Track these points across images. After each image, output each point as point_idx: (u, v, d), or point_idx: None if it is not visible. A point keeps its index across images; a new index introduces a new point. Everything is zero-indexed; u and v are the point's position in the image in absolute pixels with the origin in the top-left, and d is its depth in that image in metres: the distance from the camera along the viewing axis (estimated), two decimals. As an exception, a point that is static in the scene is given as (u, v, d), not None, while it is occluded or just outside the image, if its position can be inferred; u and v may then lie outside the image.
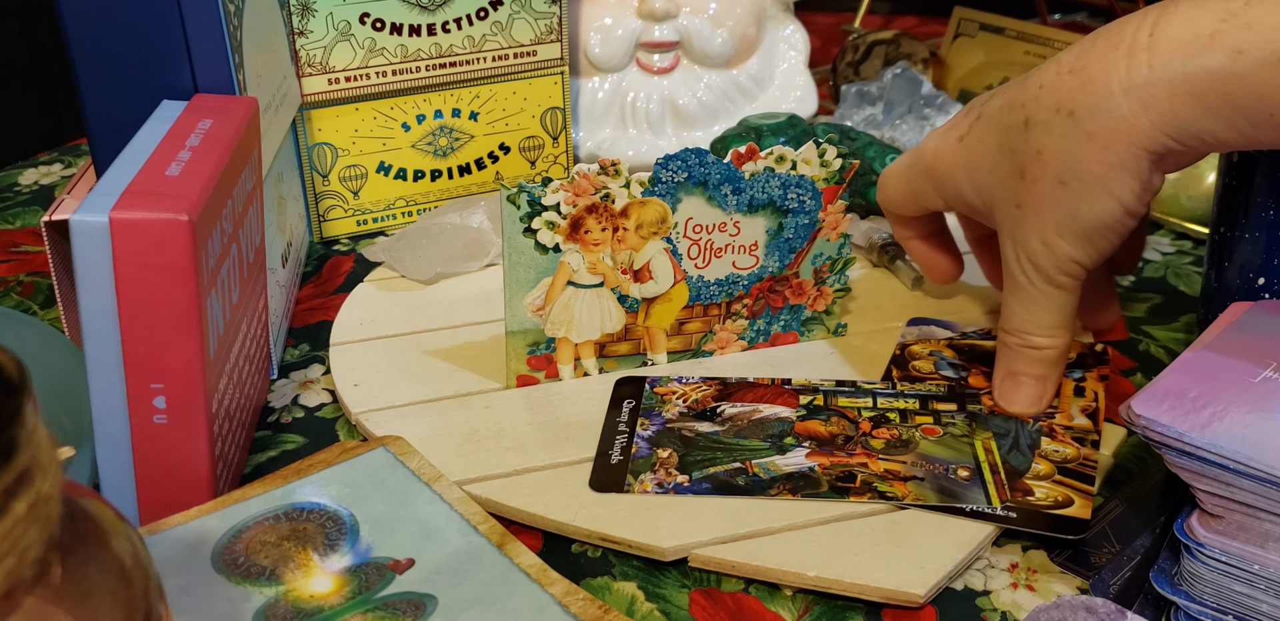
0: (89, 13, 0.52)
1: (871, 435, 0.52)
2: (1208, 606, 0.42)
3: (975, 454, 0.51)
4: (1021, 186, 0.48)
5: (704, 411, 0.54)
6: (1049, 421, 0.53)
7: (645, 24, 0.78)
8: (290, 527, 0.46)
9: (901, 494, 0.48)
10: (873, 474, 0.50)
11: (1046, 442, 0.52)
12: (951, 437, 0.52)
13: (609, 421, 0.54)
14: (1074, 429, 0.53)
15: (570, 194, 0.53)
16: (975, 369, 0.57)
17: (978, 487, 0.49)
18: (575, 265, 0.55)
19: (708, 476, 0.50)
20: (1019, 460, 0.51)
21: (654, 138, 0.81)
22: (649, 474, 0.50)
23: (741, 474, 0.50)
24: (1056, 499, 0.49)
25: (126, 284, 0.43)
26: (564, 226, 0.54)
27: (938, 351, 0.58)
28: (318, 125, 0.71)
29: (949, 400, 0.55)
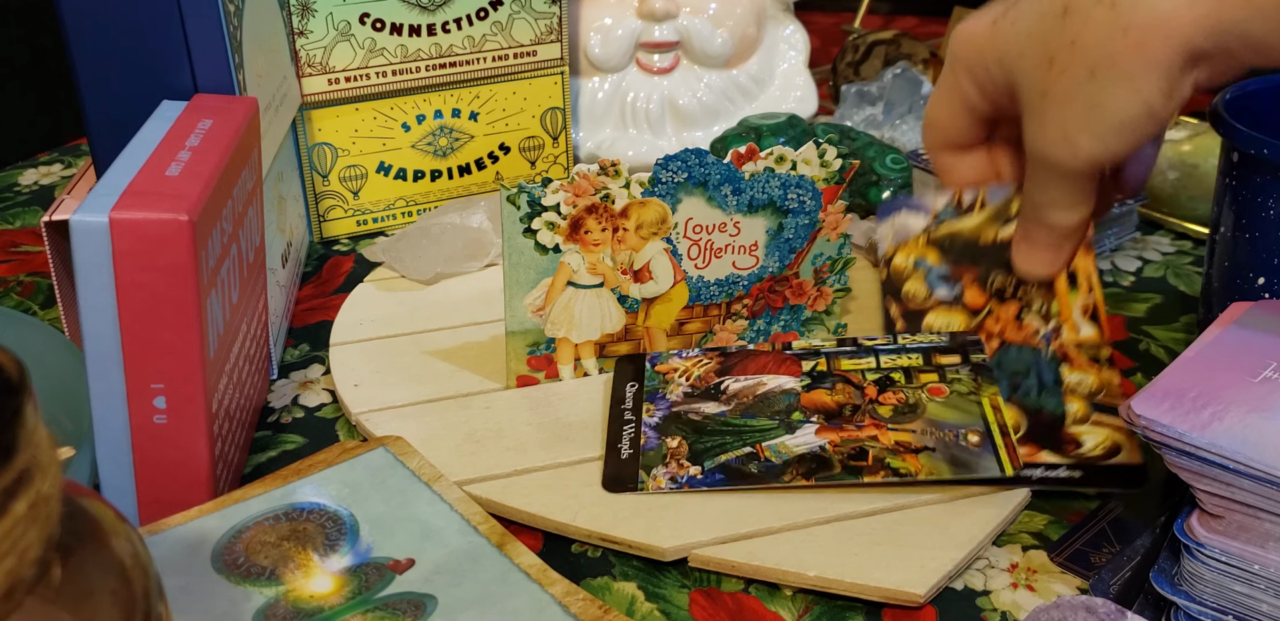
0: (89, 13, 0.52)
1: (878, 401, 0.51)
2: (1208, 606, 0.42)
3: (984, 414, 0.50)
4: (1049, 75, 0.47)
5: (708, 389, 0.54)
6: (1058, 341, 0.52)
7: (645, 24, 0.78)
8: (290, 528, 0.46)
9: (915, 469, 0.48)
10: (884, 448, 0.49)
11: (1066, 372, 0.51)
12: (958, 396, 0.51)
13: (614, 409, 0.54)
14: (1084, 345, 0.52)
15: (570, 194, 0.53)
16: (966, 275, 0.54)
17: (989, 454, 0.48)
18: (575, 265, 0.55)
19: (720, 465, 0.50)
20: (1052, 402, 0.50)
21: (654, 138, 0.81)
22: (660, 467, 0.50)
23: (753, 459, 0.50)
24: (1106, 446, 0.48)
25: (126, 284, 0.43)
26: (564, 227, 0.54)
27: (921, 259, 0.55)
28: (318, 125, 0.71)
29: (952, 352, 0.53)
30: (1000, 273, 0.54)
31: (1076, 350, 0.52)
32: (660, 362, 0.56)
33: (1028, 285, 0.54)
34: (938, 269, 0.55)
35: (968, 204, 0.54)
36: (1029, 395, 0.51)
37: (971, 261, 0.55)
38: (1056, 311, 0.53)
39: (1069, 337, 0.52)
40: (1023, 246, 0.53)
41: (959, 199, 0.55)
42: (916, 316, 0.55)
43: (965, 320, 0.54)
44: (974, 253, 0.54)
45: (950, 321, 0.55)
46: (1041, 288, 0.54)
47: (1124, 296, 0.67)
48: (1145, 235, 0.74)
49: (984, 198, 0.54)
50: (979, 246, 0.54)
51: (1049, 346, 0.52)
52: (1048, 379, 0.51)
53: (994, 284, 0.54)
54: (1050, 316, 0.53)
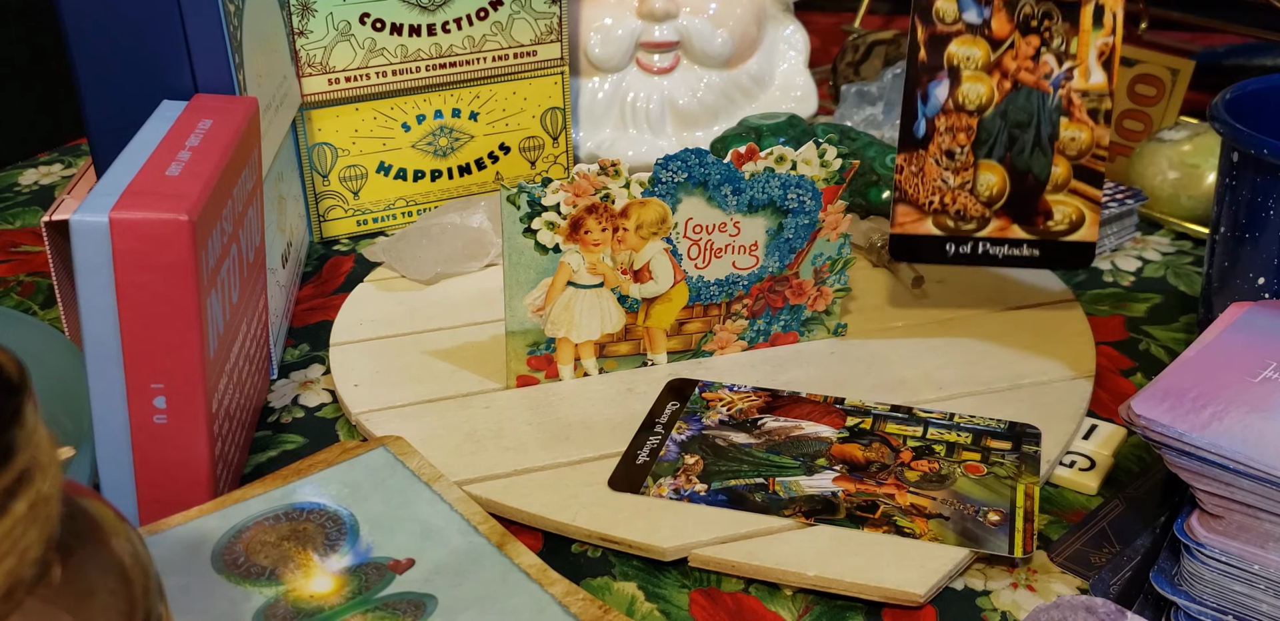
0: (89, 13, 0.52)
1: (909, 466, 0.51)
2: (1208, 606, 0.42)
3: (1014, 498, 0.49)
4: None
5: (745, 422, 0.54)
6: (1067, 85, 0.52)
7: (645, 24, 0.78)
8: (290, 528, 0.46)
9: (920, 531, 0.47)
10: (896, 506, 0.48)
11: (1064, 126, 0.51)
12: (995, 478, 0.50)
13: (647, 420, 0.54)
14: (1090, 94, 0.52)
15: (570, 194, 0.53)
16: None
17: (1003, 534, 0.47)
18: (575, 265, 0.55)
19: (726, 488, 0.49)
20: (1040, 163, 0.50)
21: (654, 138, 0.81)
22: (669, 478, 0.50)
23: (761, 490, 0.49)
24: (1071, 218, 0.49)
25: (126, 284, 0.43)
26: (564, 227, 0.54)
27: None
28: (318, 125, 0.71)
29: (1005, 438, 0.53)
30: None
31: (1081, 99, 0.52)
32: (710, 390, 0.56)
33: (1054, 18, 0.53)
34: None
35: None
36: (1022, 153, 0.52)
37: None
38: (1074, 52, 0.53)
39: (1078, 83, 0.52)
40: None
41: None
42: (941, 43, 0.53)
43: (987, 52, 0.53)
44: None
45: (972, 52, 0.53)
46: (1066, 21, 0.53)
47: (1124, 296, 0.67)
48: (1145, 235, 0.74)
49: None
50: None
51: (1057, 92, 0.52)
52: (1045, 131, 0.52)
53: (1023, 10, 0.52)
54: (1067, 57, 0.53)
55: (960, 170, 0.53)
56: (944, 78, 0.52)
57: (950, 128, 0.52)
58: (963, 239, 0.54)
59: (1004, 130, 0.53)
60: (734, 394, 0.56)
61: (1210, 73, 0.86)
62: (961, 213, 0.54)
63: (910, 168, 0.53)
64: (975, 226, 0.54)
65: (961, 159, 0.53)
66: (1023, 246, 0.54)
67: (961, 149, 0.53)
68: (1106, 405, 0.57)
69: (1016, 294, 0.65)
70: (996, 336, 0.61)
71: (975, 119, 0.53)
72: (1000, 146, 0.53)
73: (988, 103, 0.52)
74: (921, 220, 0.54)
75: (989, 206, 0.54)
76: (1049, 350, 0.59)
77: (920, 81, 0.52)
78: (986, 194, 0.53)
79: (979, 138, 0.53)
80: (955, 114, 0.53)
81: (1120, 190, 0.72)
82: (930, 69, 0.52)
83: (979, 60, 0.53)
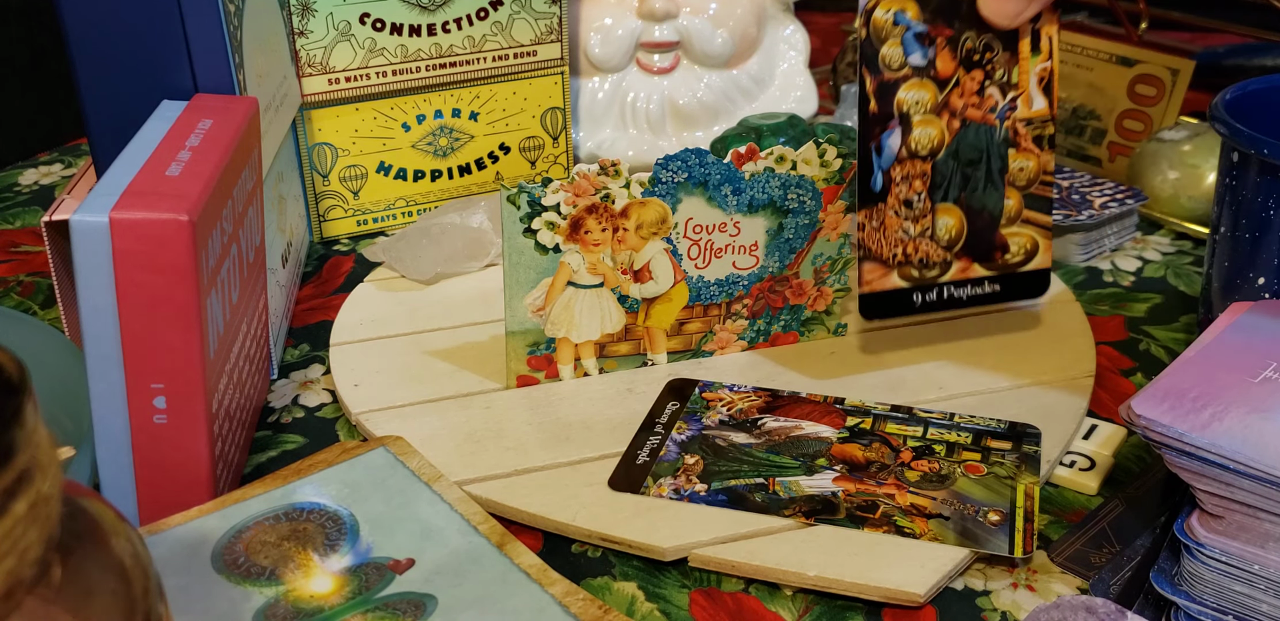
0: (89, 13, 0.52)
1: (909, 466, 0.51)
2: (1208, 606, 0.42)
3: (1014, 498, 0.49)
4: None
5: (745, 422, 0.54)
6: (1011, 115, 0.53)
7: (645, 24, 0.78)
8: (290, 527, 0.46)
9: (919, 531, 0.47)
10: (896, 506, 0.48)
11: (1013, 157, 0.53)
12: (995, 478, 0.50)
13: (647, 420, 0.54)
14: (1033, 121, 0.53)
15: (570, 194, 0.53)
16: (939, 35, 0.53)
17: (1003, 534, 0.47)
18: (575, 265, 0.55)
19: (726, 488, 0.49)
20: (993, 199, 0.52)
21: (654, 138, 0.81)
22: (669, 478, 0.50)
23: (761, 490, 0.49)
24: (1026, 248, 0.51)
25: (126, 284, 0.43)
26: (564, 227, 0.54)
27: (901, 12, 0.52)
28: (318, 125, 0.71)
29: (1006, 438, 0.53)
30: (973, 32, 0.53)
31: (1025, 128, 0.53)
32: (710, 390, 0.56)
33: (995, 50, 0.53)
34: (915, 25, 0.53)
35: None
36: (976, 190, 0.52)
37: (948, 17, 0.53)
38: (1016, 81, 0.53)
39: (1022, 112, 0.53)
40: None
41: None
42: (890, 90, 0.53)
43: (934, 93, 0.53)
44: (951, 5, 0.53)
45: (920, 95, 0.53)
46: (1006, 51, 0.53)
47: (1124, 296, 0.67)
48: (1145, 235, 0.74)
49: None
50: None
51: (1002, 124, 0.53)
52: (995, 166, 0.53)
53: (965, 46, 0.53)
54: (1009, 87, 0.54)
55: (919, 218, 0.53)
56: (895, 126, 0.53)
57: (906, 176, 0.53)
58: (928, 287, 0.55)
59: (957, 171, 0.53)
60: (734, 394, 0.56)
61: (1210, 73, 0.86)
62: (925, 260, 0.54)
63: (871, 224, 0.53)
64: (938, 272, 0.55)
65: (920, 206, 0.53)
66: (984, 284, 0.55)
67: (919, 196, 0.53)
68: (1106, 405, 0.57)
69: (1016, 294, 0.65)
70: (996, 336, 0.61)
71: (929, 163, 0.53)
72: (955, 187, 0.54)
73: (939, 145, 0.53)
74: (887, 275, 0.54)
75: (949, 250, 0.54)
76: (1049, 350, 0.59)
77: (873, 134, 0.53)
78: (946, 237, 0.54)
79: (934, 182, 0.54)
80: (909, 161, 0.53)
81: (1120, 190, 0.72)
82: (881, 119, 0.53)
83: (927, 103, 0.53)
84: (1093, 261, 0.71)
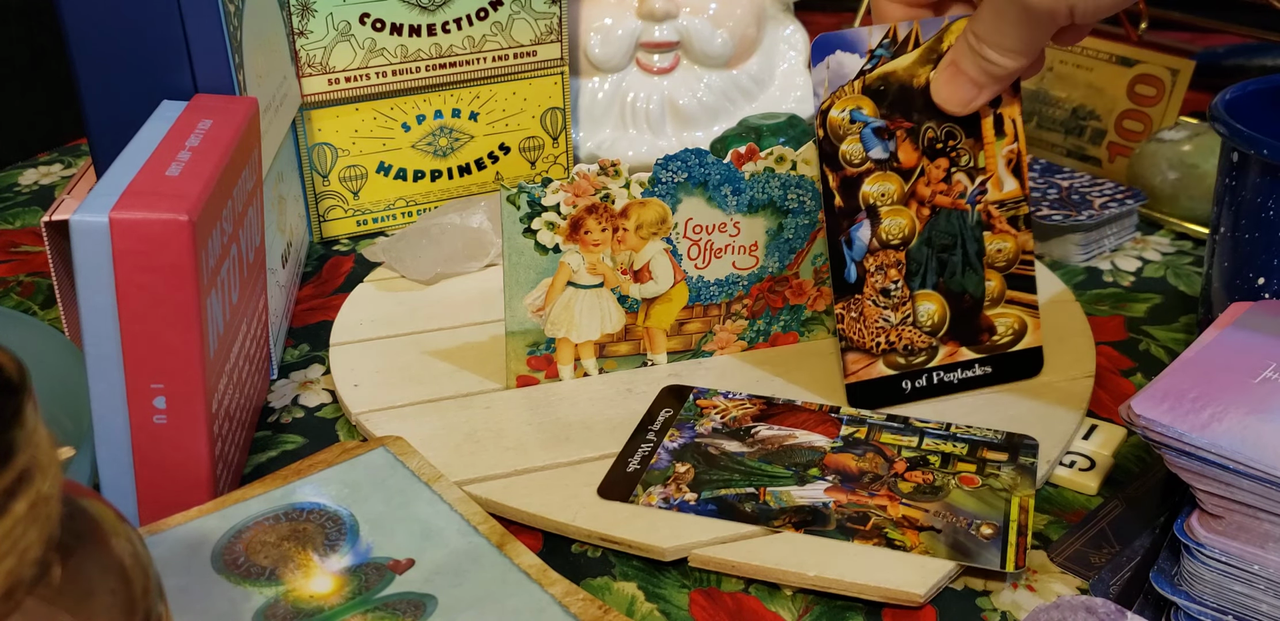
0: (89, 13, 0.52)
1: (903, 477, 0.50)
2: (1208, 606, 0.42)
3: (1007, 511, 0.48)
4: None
5: (738, 430, 0.53)
6: (983, 199, 0.53)
7: (645, 24, 0.78)
8: (290, 528, 0.46)
9: (910, 543, 0.46)
10: (887, 518, 0.48)
11: (989, 240, 0.53)
12: (990, 491, 0.49)
13: (640, 427, 0.54)
14: (1006, 203, 0.53)
15: (570, 194, 0.53)
16: (898, 128, 0.53)
17: (995, 548, 0.46)
18: (575, 265, 0.55)
19: (716, 497, 0.49)
20: (973, 282, 0.52)
21: (654, 138, 0.81)
22: (659, 487, 0.50)
23: (751, 500, 0.49)
24: (1014, 328, 0.52)
25: (126, 284, 0.43)
26: (564, 227, 0.54)
27: (857, 109, 0.53)
28: (318, 125, 0.71)
29: (1002, 449, 0.52)
30: (933, 122, 0.53)
31: (999, 211, 0.53)
32: (704, 397, 0.55)
33: (958, 137, 0.53)
34: (873, 121, 0.53)
35: (902, 39, 0.52)
36: (954, 275, 0.52)
37: (905, 110, 0.53)
38: (984, 165, 0.53)
39: (993, 195, 0.53)
40: (948, 73, 0.51)
41: (893, 33, 0.53)
42: (854, 185, 0.53)
43: (899, 184, 0.53)
44: (908, 99, 0.53)
45: (886, 187, 0.53)
46: (970, 137, 0.53)
47: (1124, 296, 0.67)
48: (1145, 235, 0.74)
49: (918, 32, 0.52)
50: (913, 90, 0.53)
51: (974, 208, 0.53)
52: (971, 249, 0.53)
53: (926, 135, 0.53)
54: (977, 172, 0.54)
55: (899, 306, 0.54)
56: (863, 219, 0.53)
57: (880, 266, 0.53)
58: (916, 373, 0.55)
59: (932, 257, 0.54)
60: (728, 401, 0.55)
61: (1210, 73, 0.86)
62: (910, 347, 0.54)
63: (850, 314, 0.53)
64: (925, 358, 0.55)
65: (898, 295, 0.54)
66: (974, 367, 0.55)
67: (896, 284, 0.53)
68: (1106, 405, 0.57)
69: (1016, 294, 0.65)
70: (996, 336, 0.61)
71: (902, 252, 0.53)
72: (932, 273, 0.54)
73: (911, 234, 0.53)
74: (873, 364, 0.54)
75: (934, 335, 0.54)
76: (1049, 350, 0.59)
77: (842, 228, 0.53)
78: (929, 323, 0.54)
79: (909, 270, 0.54)
80: (882, 252, 0.53)
81: (1120, 190, 0.72)
82: (849, 213, 0.53)
83: (894, 194, 0.53)
84: (1093, 261, 0.71)
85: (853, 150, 0.52)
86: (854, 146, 0.52)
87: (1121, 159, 0.78)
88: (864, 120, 0.52)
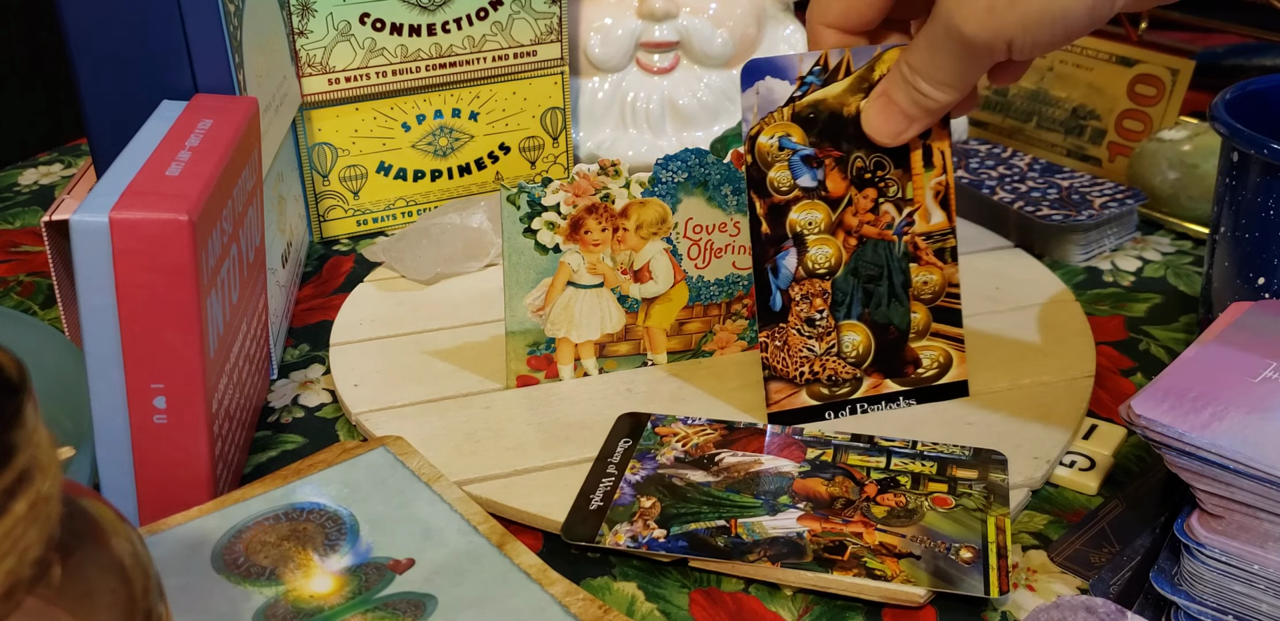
0: (89, 13, 0.52)
1: (875, 500, 0.49)
2: (1208, 606, 0.42)
3: (984, 532, 0.47)
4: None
5: (701, 458, 0.52)
6: (910, 230, 0.53)
7: (645, 24, 0.78)
8: (290, 528, 0.46)
9: (891, 573, 0.45)
10: (865, 546, 0.46)
11: (915, 271, 0.53)
12: (964, 511, 0.48)
13: (599, 461, 0.52)
14: (933, 235, 0.53)
15: (570, 194, 0.53)
16: (827, 157, 0.52)
17: (977, 573, 0.45)
18: (575, 265, 0.55)
19: (687, 533, 0.47)
20: (898, 313, 0.52)
21: (654, 138, 0.81)
22: (625, 525, 0.48)
23: (723, 533, 0.47)
24: (939, 361, 0.52)
25: (126, 284, 0.43)
26: (564, 227, 0.54)
27: (786, 136, 0.52)
28: (318, 125, 0.71)
29: (971, 467, 0.51)
30: (862, 151, 0.53)
31: (926, 242, 0.53)
32: (662, 425, 0.54)
33: (886, 168, 0.53)
34: (802, 149, 0.53)
35: (833, 67, 0.52)
36: (880, 306, 0.53)
37: (834, 139, 0.53)
38: (911, 196, 0.53)
39: (920, 227, 0.53)
40: (879, 103, 0.51)
41: (824, 61, 0.52)
42: (781, 212, 0.53)
43: (827, 213, 0.53)
44: (838, 127, 0.53)
45: (813, 215, 0.53)
46: (898, 168, 0.53)
47: (1124, 296, 0.67)
48: (1145, 235, 0.74)
49: (850, 60, 0.52)
50: (843, 119, 0.52)
51: (901, 239, 0.53)
52: (897, 280, 0.53)
53: (855, 165, 0.53)
54: (905, 202, 0.54)
55: (823, 335, 0.54)
56: (790, 247, 0.53)
57: (806, 294, 0.53)
58: (840, 404, 0.54)
59: (858, 287, 0.54)
60: (688, 427, 0.54)
61: (1210, 73, 0.86)
62: (834, 378, 0.54)
63: (774, 343, 0.53)
64: (849, 389, 0.55)
65: (823, 324, 0.54)
66: (899, 399, 0.55)
67: (821, 314, 0.53)
68: (1106, 405, 0.57)
69: (1016, 294, 0.65)
70: (996, 336, 0.61)
71: (828, 281, 0.53)
72: (857, 304, 0.54)
73: (837, 263, 0.53)
74: (796, 394, 0.54)
75: (858, 366, 0.54)
76: (1049, 350, 0.59)
77: (768, 256, 0.53)
78: (854, 354, 0.54)
79: (835, 299, 0.54)
80: (808, 280, 0.53)
81: (1120, 190, 0.72)
82: (775, 240, 0.53)
83: (821, 223, 0.53)
84: (1093, 261, 0.71)
85: (781, 177, 0.52)
86: (782, 174, 0.52)
87: (1121, 159, 0.78)
88: (793, 147, 0.52)
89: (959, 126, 0.81)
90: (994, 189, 0.73)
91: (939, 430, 0.54)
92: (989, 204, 0.72)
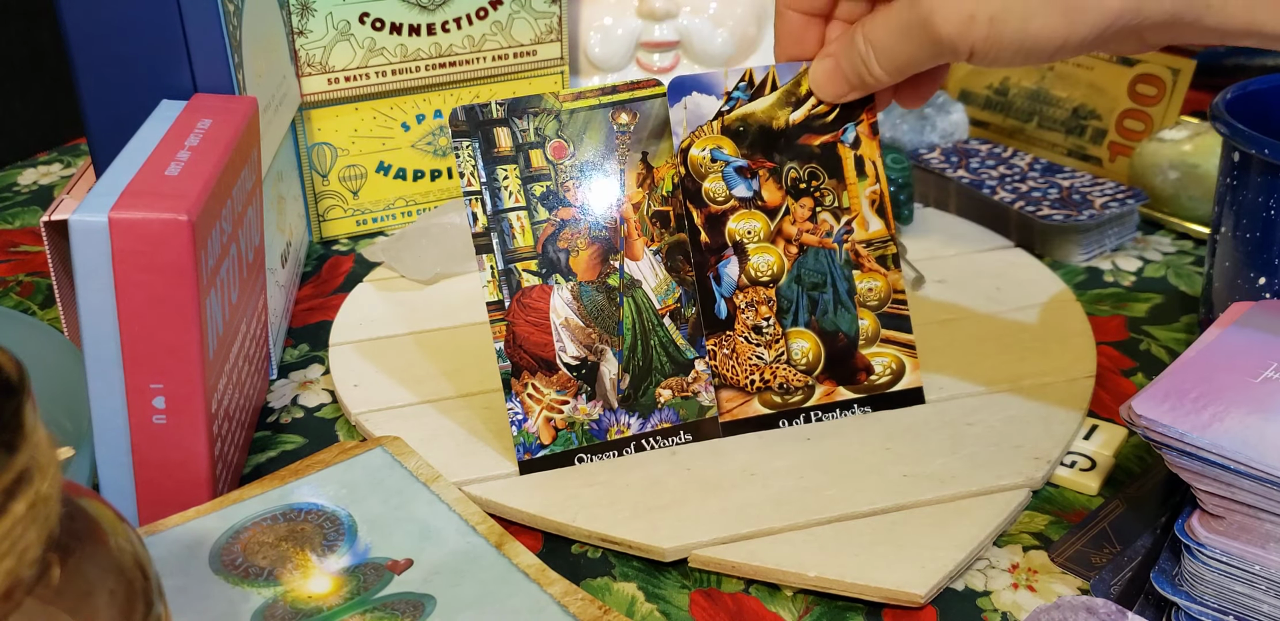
0: (89, 13, 0.52)
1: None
2: (1208, 607, 0.42)
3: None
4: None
5: None
6: (849, 238, 0.54)
7: (645, 24, 0.78)
8: (288, 528, 0.46)
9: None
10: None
11: (859, 278, 0.54)
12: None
13: None
14: (874, 243, 0.54)
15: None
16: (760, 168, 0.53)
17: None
18: (575, 265, 0.55)
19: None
20: (847, 320, 0.53)
21: (654, 138, 0.81)
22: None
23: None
24: (891, 368, 0.53)
25: (126, 284, 0.43)
26: (564, 226, 0.54)
27: (717, 149, 0.53)
28: (317, 125, 0.71)
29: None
30: (795, 163, 0.53)
31: (867, 250, 0.54)
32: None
33: (820, 178, 0.54)
34: (734, 160, 0.53)
35: (759, 82, 0.53)
36: (826, 313, 0.53)
37: (766, 151, 0.53)
38: (848, 205, 0.54)
39: (859, 235, 0.54)
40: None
41: (750, 77, 0.53)
42: (719, 222, 0.53)
43: (765, 222, 0.53)
44: (768, 140, 0.53)
45: (751, 225, 0.53)
46: (833, 178, 0.54)
47: (1124, 296, 0.67)
48: (1146, 235, 0.74)
49: (774, 77, 0.53)
50: (773, 132, 0.53)
51: (842, 247, 0.54)
52: (842, 288, 0.53)
53: (789, 175, 0.53)
54: (842, 211, 0.54)
55: (771, 343, 0.54)
56: (731, 255, 0.53)
57: (750, 302, 0.53)
58: (793, 413, 0.54)
59: (802, 294, 0.54)
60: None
61: (1210, 73, 0.86)
62: (785, 386, 0.54)
63: (722, 351, 0.53)
64: (802, 397, 0.55)
65: (770, 332, 0.54)
66: (853, 407, 0.55)
67: (767, 321, 0.54)
68: (1107, 405, 0.57)
69: (1016, 294, 0.65)
70: (996, 336, 0.61)
71: (772, 289, 0.54)
72: (804, 311, 0.54)
73: (780, 271, 0.54)
74: (748, 402, 0.54)
75: (809, 374, 0.54)
76: (1049, 350, 0.59)
77: (709, 264, 0.53)
78: (804, 362, 0.54)
79: (781, 307, 0.54)
80: (751, 288, 0.53)
81: (1120, 190, 0.72)
82: (715, 249, 0.53)
83: (760, 232, 0.53)
84: (1093, 261, 0.71)
85: (715, 188, 0.53)
86: (717, 184, 0.53)
87: (1122, 158, 0.78)
88: (725, 159, 0.53)
89: (959, 126, 0.81)
90: (995, 189, 0.73)
91: (939, 430, 0.53)
92: (990, 204, 0.72)
